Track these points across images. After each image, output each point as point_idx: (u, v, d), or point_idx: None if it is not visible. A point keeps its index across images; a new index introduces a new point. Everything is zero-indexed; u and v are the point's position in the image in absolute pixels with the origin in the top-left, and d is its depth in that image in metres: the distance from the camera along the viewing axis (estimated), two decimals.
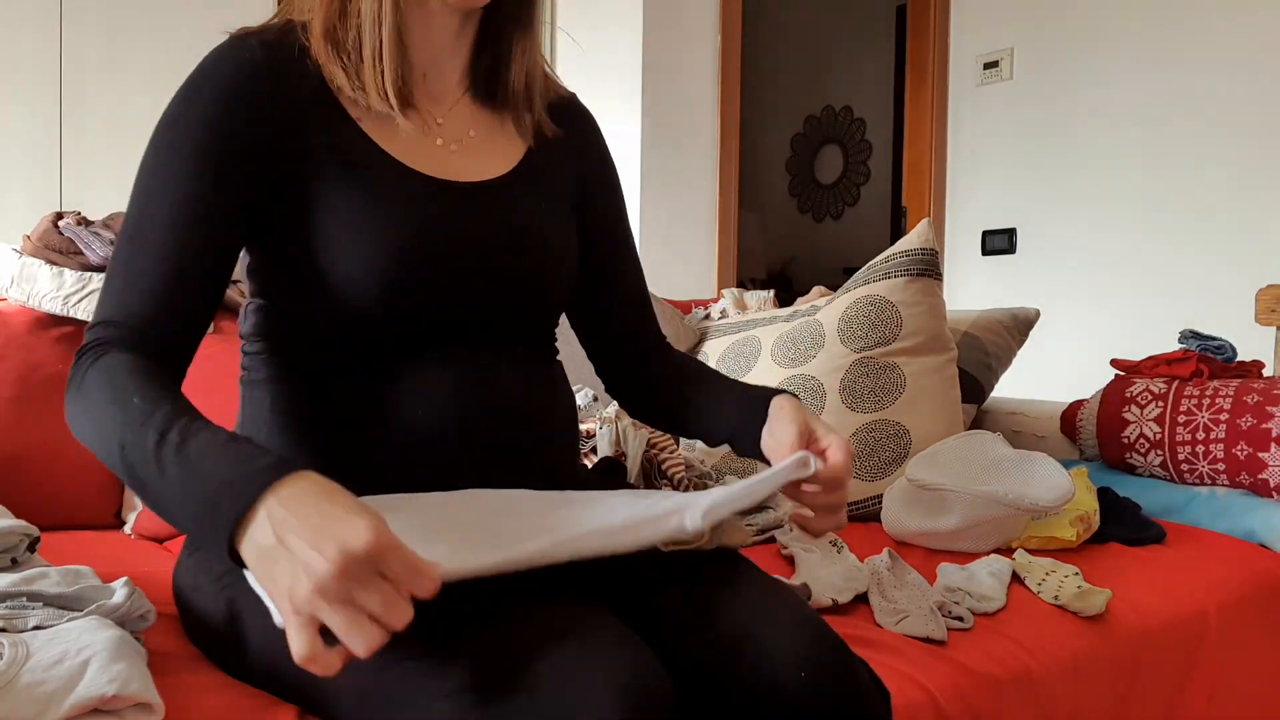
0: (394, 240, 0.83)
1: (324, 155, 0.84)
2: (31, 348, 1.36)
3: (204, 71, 0.84)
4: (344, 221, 0.83)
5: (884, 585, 1.10)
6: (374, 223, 0.83)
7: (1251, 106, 2.81)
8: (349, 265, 0.82)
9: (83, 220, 1.43)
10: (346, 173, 0.84)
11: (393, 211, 0.84)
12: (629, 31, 3.01)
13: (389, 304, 0.83)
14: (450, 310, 0.87)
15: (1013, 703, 0.97)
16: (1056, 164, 3.26)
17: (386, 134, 0.87)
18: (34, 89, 2.54)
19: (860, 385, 1.55)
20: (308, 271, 0.83)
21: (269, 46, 0.85)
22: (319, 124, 0.85)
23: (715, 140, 3.14)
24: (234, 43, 0.85)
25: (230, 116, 0.81)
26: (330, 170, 0.84)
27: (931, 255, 1.62)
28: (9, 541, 0.86)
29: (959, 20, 3.55)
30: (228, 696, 0.75)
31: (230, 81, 0.82)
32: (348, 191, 0.83)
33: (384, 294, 0.83)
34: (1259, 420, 1.47)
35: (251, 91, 0.83)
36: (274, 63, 0.84)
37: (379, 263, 0.82)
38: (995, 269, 3.45)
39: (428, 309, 0.85)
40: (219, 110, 0.81)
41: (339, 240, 0.82)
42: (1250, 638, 1.29)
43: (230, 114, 0.81)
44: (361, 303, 0.83)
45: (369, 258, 0.82)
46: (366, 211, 0.83)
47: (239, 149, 0.82)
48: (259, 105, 0.82)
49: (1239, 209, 2.84)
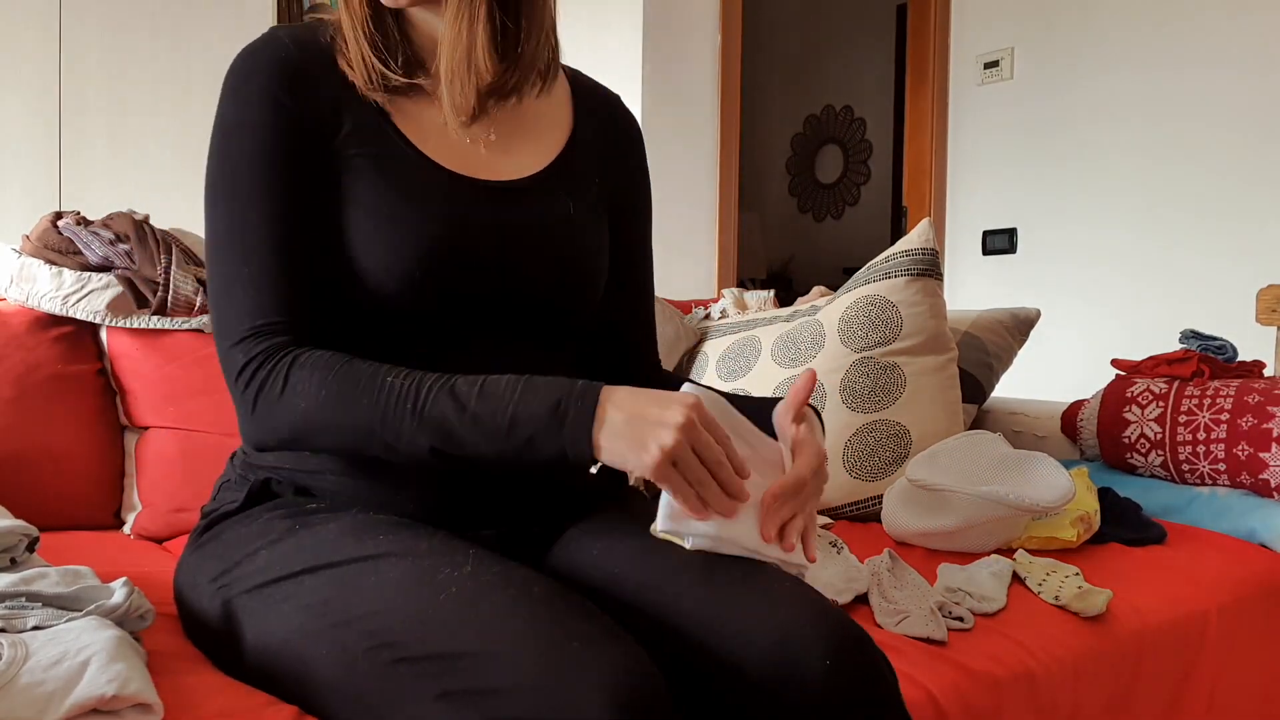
0: (416, 239, 0.84)
1: (356, 147, 0.85)
2: (31, 348, 1.36)
3: (245, 68, 0.85)
4: (370, 216, 0.84)
5: (884, 585, 1.10)
6: (398, 220, 0.84)
7: (1252, 106, 2.81)
8: (371, 262, 0.83)
9: (82, 220, 1.43)
10: (376, 166, 0.85)
11: (417, 210, 0.85)
12: (629, 31, 3.00)
13: (407, 302, 0.84)
14: (471, 310, 0.87)
15: (1013, 703, 0.97)
16: (1057, 164, 3.26)
17: (418, 129, 0.88)
18: (34, 89, 2.54)
19: (860, 385, 1.55)
20: (335, 264, 0.84)
21: (300, 43, 0.87)
22: (352, 116, 0.86)
23: (715, 140, 3.14)
24: (266, 38, 0.87)
25: (281, 108, 0.83)
26: (360, 163, 0.85)
27: (932, 255, 1.62)
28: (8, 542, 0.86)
29: (959, 20, 3.55)
30: (227, 696, 0.75)
31: (272, 69, 0.84)
32: (376, 186, 0.84)
33: (403, 292, 0.84)
34: (1260, 420, 1.47)
35: (291, 79, 0.84)
36: (305, 56, 0.86)
37: (400, 262, 0.83)
38: (995, 269, 3.45)
39: (447, 309, 0.86)
40: (271, 102, 0.83)
41: (364, 235, 0.83)
42: (1251, 638, 1.29)
43: (280, 105, 0.83)
44: (382, 299, 0.84)
45: (391, 256, 0.83)
46: (391, 208, 0.84)
47: (300, 130, 0.84)
48: (300, 93, 0.84)
49: (1239, 208, 2.84)
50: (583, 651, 0.63)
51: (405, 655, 0.66)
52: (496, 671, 0.62)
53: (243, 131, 0.83)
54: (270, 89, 0.84)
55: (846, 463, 1.51)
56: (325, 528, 0.79)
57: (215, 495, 0.92)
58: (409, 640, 0.66)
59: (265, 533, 0.81)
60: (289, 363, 0.79)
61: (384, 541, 0.76)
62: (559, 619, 0.67)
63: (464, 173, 0.89)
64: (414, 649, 0.66)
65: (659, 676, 0.65)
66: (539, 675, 0.62)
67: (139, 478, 1.38)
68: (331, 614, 0.71)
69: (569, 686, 0.61)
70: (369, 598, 0.71)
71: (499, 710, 0.61)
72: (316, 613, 0.72)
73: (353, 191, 0.84)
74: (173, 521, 1.34)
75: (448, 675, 0.64)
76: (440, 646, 0.65)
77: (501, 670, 0.62)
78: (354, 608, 0.71)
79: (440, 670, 0.64)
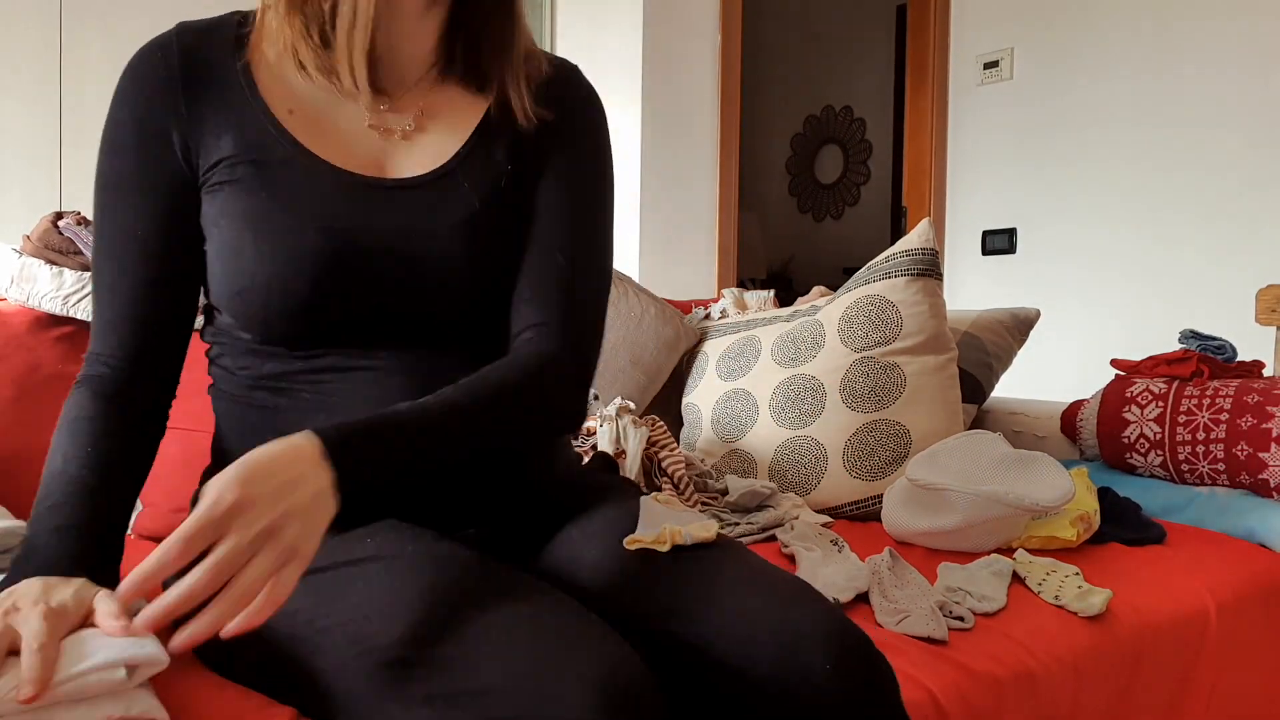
0: (297, 246, 0.81)
1: (238, 154, 0.83)
2: (31, 348, 1.36)
3: (123, 81, 0.85)
4: (248, 225, 0.82)
5: (884, 585, 1.10)
6: (277, 227, 0.82)
7: (1251, 107, 2.81)
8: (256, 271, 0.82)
9: (82, 220, 1.43)
10: (257, 173, 0.83)
11: (298, 215, 0.82)
12: (629, 31, 3.01)
13: (299, 310, 0.82)
14: (372, 316, 0.84)
15: (1013, 703, 0.97)
16: (1057, 164, 3.26)
17: (310, 128, 0.86)
18: (34, 89, 2.54)
19: (860, 385, 1.55)
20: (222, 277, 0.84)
21: (198, 34, 0.85)
22: (235, 120, 0.84)
23: (715, 140, 3.14)
24: (155, 41, 0.86)
25: (147, 132, 0.83)
26: (241, 170, 0.83)
27: (932, 255, 1.62)
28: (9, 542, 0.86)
29: (959, 20, 3.55)
30: (227, 697, 0.75)
31: (145, 87, 0.84)
32: (256, 193, 0.82)
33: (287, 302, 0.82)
34: (1259, 420, 1.47)
35: (167, 91, 0.83)
36: (193, 53, 0.84)
37: (284, 269, 0.81)
38: (995, 269, 3.45)
39: (344, 316, 0.84)
40: (134, 126, 0.83)
41: (245, 244, 0.82)
42: (1250, 638, 1.29)
43: (145, 129, 0.83)
44: (275, 309, 0.82)
45: (272, 265, 0.81)
46: (270, 216, 0.82)
47: (166, 160, 0.83)
48: (175, 103, 0.83)
49: (1239, 209, 2.84)
50: (569, 649, 0.63)
51: (391, 659, 0.66)
52: (482, 672, 0.62)
53: (110, 155, 0.84)
54: (139, 111, 0.83)
55: (846, 463, 1.51)
56: None
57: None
58: (394, 644, 0.66)
59: None
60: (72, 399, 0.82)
61: (370, 545, 0.76)
62: (545, 618, 0.67)
63: (359, 171, 0.86)
64: (399, 653, 0.66)
65: (647, 673, 0.65)
66: (525, 674, 0.61)
67: None
68: (319, 620, 0.71)
69: (555, 685, 0.60)
70: (354, 603, 0.71)
71: (485, 711, 0.61)
72: (304, 618, 0.72)
73: (233, 200, 0.83)
74: (173, 521, 1.34)
75: (434, 678, 0.64)
76: (426, 649, 0.65)
77: (487, 671, 0.62)
78: (340, 613, 0.71)
79: (426, 673, 0.64)
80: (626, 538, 0.82)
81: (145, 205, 0.83)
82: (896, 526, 1.36)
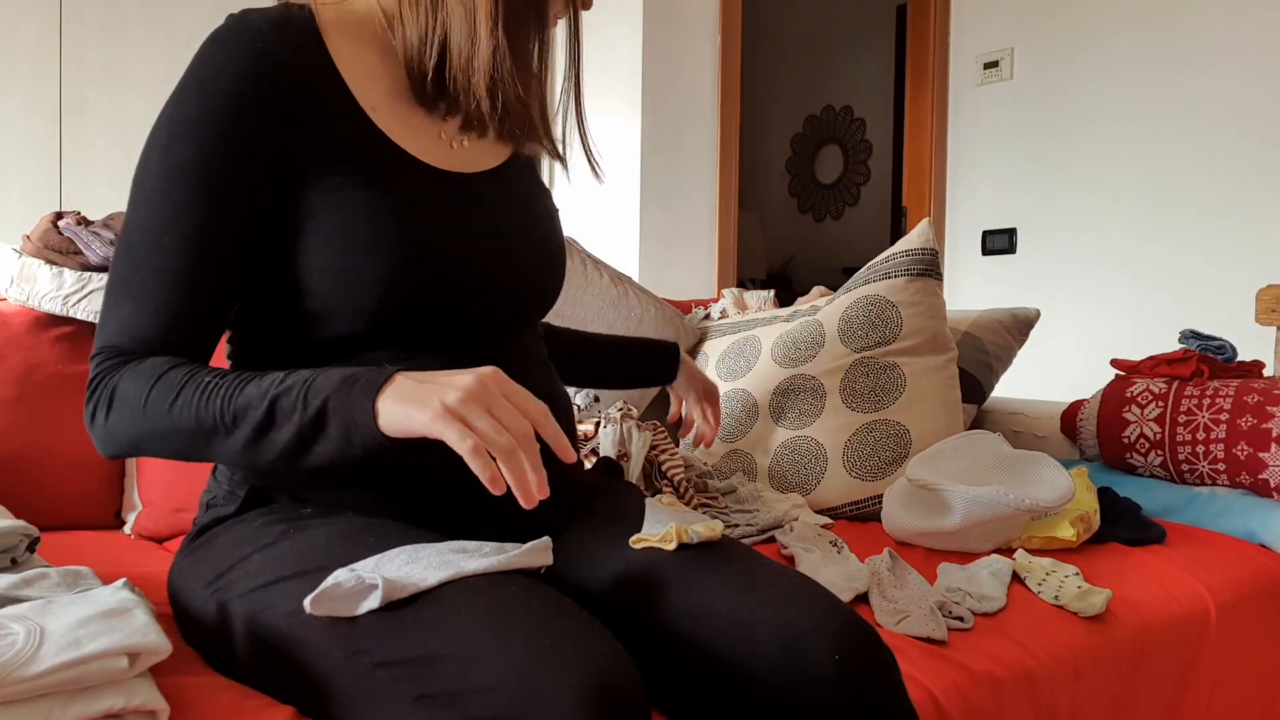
0: (409, 238, 0.83)
1: (336, 150, 0.83)
2: (31, 348, 1.36)
3: (211, 66, 0.79)
4: (357, 219, 0.82)
5: (884, 585, 1.10)
6: (388, 220, 0.82)
7: (1252, 106, 2.81)
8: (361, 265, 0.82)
9: (83, 220, 1.43)
10: (358, 168, 0.83)
11: (408, 207, 0.84)
12: (629, 31, 3.01)
13: (400, 300, 0.83)
14: (465, 303, 0.87)
15: (1013, 703, 0.97)
16: (1056, 164, 3.26)
17: (394, 125, 0.87)
18: (34, 89, 2.54)
19: (860, 385, 1.55)
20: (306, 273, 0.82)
21: (277, 28, 0.81)
22: (332, 117, 0.83)
23: (715, 140, 3.14)
24: (239, 27, 0.80)
25: (243, 124, 0.79)
26: (342, 166, 0.83)
27: (932, 255, 1.62)
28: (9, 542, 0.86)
29: (959, 20, 3.55)
30: (227, 697, 0.75)
31: (243, 76, 0.78)
32: (361, 188, 0.82)
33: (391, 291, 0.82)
34: (1259, 420, 1.47)
35: (268, 84, 0.79)
36: (286, 47, 0.81)
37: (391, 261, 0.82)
38: (995, 269, 3.45)
39: (443, 304, 0.86)
40: (232, 117, 0.78)
41: (348, 239, 0.81)
42: (1250, 638, 1.29)
43: (243, 121, 0.79)
44: (369, 301, 0.82)
45: (382, 258, 0.82)
46: (380, 208, 0.82)
47: (254, 155, 0.79)
48: (274, 99, 0.80)
49: (1239, 209, 2.84)
50: (560, 648, 0.63)
51: (384, 660, 0.66)
52: (473, 672, 0.63)
53: (187, 143, 0.78)
54: (234, 101, 0.78)
55: (846, 462, 1.51)
56: (317, 531, 0.79)
57: (204, 510, 0.90)
58: (387, 645, 0.66)
59: (258, 537, 0.81)
60: (120, 375, 0.78)
61: (372, 545, 0.76)
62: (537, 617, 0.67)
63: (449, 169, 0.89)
64: (392, 653, 0.66)
65: (635, 673, 0.65)
66: (515, 674, 0.61)
67: (139, 477, 1.38)
68: (315, 620, 0.71)
69: (545, 683, 0.61)
70: None
71: (475, 710, 0.61)
72: (302, 619, 0.72)
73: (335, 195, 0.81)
74: (173, 521, 1.34)
75: (425, 678, 0.64)
76: (418, 650, 0.65)
77: (478, 671, 0.62)
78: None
79: (418, 673, 0.64)
80: (632, 537, 0.83)
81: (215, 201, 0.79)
82: (896, 527, 1.36)
